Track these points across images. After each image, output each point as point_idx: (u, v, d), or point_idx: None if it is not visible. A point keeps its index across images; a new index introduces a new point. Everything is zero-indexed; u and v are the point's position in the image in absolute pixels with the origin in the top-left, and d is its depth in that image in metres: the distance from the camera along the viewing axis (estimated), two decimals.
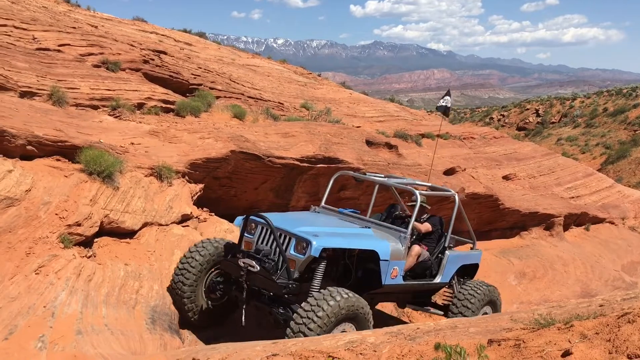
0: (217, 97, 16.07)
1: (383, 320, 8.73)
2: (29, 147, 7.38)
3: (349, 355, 3.50)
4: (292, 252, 6.17)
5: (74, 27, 14.52)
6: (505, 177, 21.62)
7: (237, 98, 17.39)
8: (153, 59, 14.94)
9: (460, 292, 7.97)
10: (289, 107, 19.81)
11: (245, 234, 6.70)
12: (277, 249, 6.29)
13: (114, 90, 12.01)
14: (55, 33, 12.87)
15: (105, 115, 11.12)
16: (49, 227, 6.41)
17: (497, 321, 4.18)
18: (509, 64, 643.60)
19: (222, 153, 9.70)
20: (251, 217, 6.63)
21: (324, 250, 6.12)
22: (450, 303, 8.00)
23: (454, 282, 8.22)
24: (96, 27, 17.20)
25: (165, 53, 16.68)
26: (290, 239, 6.23)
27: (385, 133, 19.55)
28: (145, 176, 8.36)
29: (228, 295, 6.82)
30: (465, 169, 18.27)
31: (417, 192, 7.55)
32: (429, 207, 8.34)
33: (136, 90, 12.66)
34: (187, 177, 9.16)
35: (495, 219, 17.45)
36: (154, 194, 8.24)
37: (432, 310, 8.42)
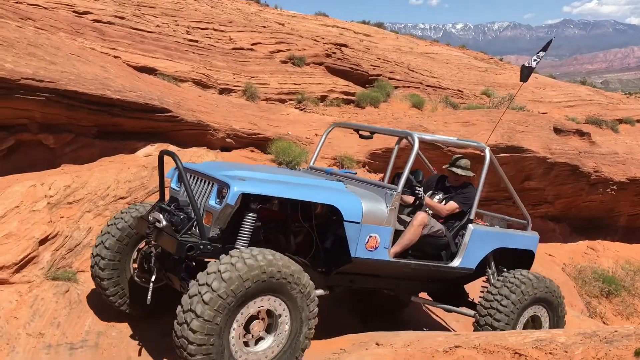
0: (396, 87, 16.21)
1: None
2: (227, 140, 8.15)
3: (537, 353, 3.38)
4: (211, 202, 4.43)
5: (264, 27, 15.62)
6: None
7: (415, 87, 17.38)
8: (335, 53, 15.51)
9: (494, 284, 5.69)
10: (468, 95, 19.30)
11: (175, 186, 5.03)
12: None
13: (299, 84, 12.73)
14: (248, 33, 13.97)
15: (291, 108, 11.83)
16: None
17: None
18: None
19: (402, 143, 9.78)
20: (162, 153, 4.79)
21: (253, 200, 4.46)
22: (482, 299, 5.72)
23: (489, 271, 5.94)
24: (283, 24, 18.31)
25: (345, 46, 17.21)
26: (212, 185, 4.54)
27: (576, 119, 18.17)
28: (329, 166, 8.75)
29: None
30: None
31: (414, 133, 5.45)
32: (471, 175, 6.05)
33: (319, 84, 13.27)
34: (367, 167, 9.41)
35: None
36: None
37: (458, 310, 6.12)
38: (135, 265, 4.96)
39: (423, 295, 6.18)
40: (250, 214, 4.44)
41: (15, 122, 6.08)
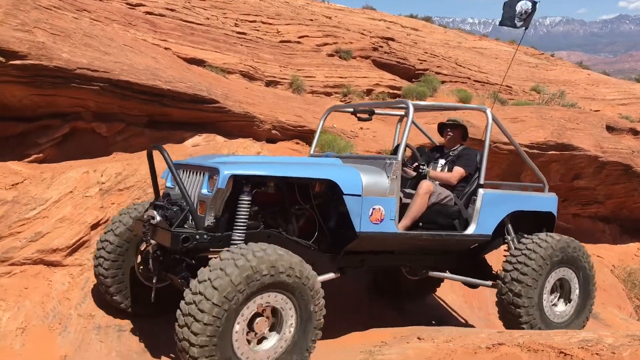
0: (443, 82, 16.02)
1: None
2: (273, 132, 8.23)
3: (583, 354, 3.31)
4: (204, 190, 4.32)
5: (311, 20, 15.65)
6: None
7: (462, 82, 17.13)
8: (382, 46, 15.43)
9: (517, 248, 5.41)
10: (517, 91, 18.90)
11: (170, 185, 4.86)
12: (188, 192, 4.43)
13: (345, 77, 12.72)
14: (296, 26, 14.03)
15: (337, 101, 11.84)
16: None
17: None
18: None
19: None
20: (151, 148, 4.74)
21: (245, 184, 4.28)
22: (504, 268, 5.41)
23: (509, 238, 5.66)
24: (330, 18, 18.30)
25: (392, 40, 17.09)
26: (204, 174, 4.42)
27: (630, 118, 17.57)
28: None
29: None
30: None
31: (409, 101, 5.18)
32: (459, 122, 5.92)
33: (365, 77, 13.23)
34: None
35: None
36: None
37: (480, 282, 5.74)
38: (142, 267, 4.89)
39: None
40: (245, 199, 4.26)
41: (70, 110, 6.29)
